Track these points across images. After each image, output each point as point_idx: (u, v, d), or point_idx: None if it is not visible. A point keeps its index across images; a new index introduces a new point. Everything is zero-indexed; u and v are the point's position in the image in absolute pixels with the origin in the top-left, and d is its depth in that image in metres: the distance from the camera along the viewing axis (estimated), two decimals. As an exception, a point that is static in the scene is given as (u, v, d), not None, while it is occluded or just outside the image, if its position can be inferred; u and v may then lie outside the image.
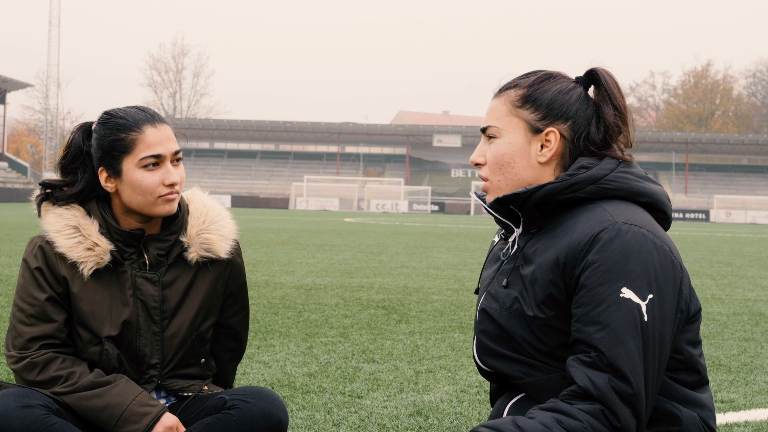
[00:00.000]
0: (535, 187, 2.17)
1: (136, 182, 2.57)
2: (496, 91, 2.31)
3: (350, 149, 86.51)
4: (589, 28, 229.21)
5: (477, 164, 2.31)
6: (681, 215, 66.21)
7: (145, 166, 2.57)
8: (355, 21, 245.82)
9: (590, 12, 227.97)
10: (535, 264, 2.17)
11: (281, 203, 71.28)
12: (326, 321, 6.93)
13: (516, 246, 2.28)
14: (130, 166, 2.58)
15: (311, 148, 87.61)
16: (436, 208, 70.50)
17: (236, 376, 3.05)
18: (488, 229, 31.68)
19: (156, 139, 2.58)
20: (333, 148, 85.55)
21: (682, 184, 79.17)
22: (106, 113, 2.64)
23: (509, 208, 2.25)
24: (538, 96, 2.23)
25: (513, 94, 2.26)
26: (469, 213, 68.12)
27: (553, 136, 2.21)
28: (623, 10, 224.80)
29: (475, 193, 2.50)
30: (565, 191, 2.16)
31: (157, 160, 2.58)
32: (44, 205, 2.65)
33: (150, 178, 2.58)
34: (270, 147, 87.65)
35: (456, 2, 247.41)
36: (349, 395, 4.36)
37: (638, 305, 2.01)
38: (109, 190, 2.63)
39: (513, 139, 2.23)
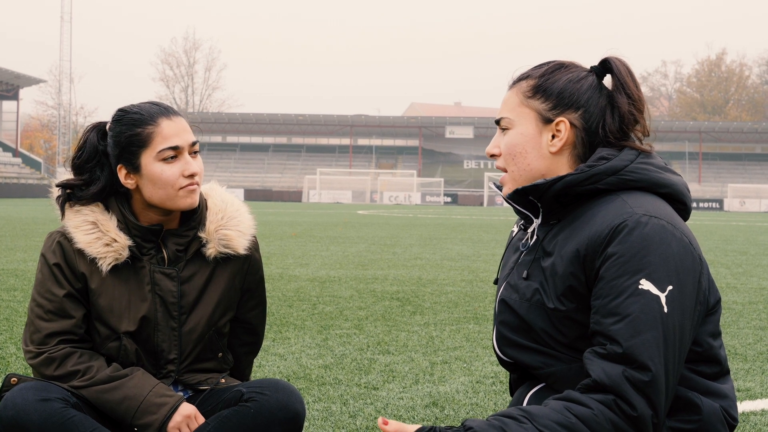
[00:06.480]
0: (554, 178, 2.16)
1: (156, 176, 2.58)
2: (510, 82, 2.31)
3: (362, 141, 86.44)
4: (599, 20, 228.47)
5: (492, 155, 2.31)
6: (695, 204, 65.74)
7: (164, 159, 2.57)
8: (367, 24, 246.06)
9: (600, 3, 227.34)
10: (555, 256, 2.16)
11: (294, 196, 71.32)
12: (341, 313, 6.94)
13: (535, 237, 2.27)
14: (148, 160, 2.58)
15: (323, 140, 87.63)
16: (449, 199, 70.39)
17: (252, 369, 3.06)
18: (502, 220, 31.63)
19: (172, 131, 2.58)
20: (345, 141, 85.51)
21: (695, 173, 78.77)
22: (120, 110, 2.63)
23: (528, 198, 2.25)
24: (548, 86, 2.22)
25: (525, 85, 2.26)
26: (482, 204, 68.00)
27: (563, 125, 2.20)
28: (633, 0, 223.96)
29: (494, 183, 2.49)
30: (584, 183, 2.15)
31: (175, 152, 2.58)
32: (67, 205, 2.65)
33: (169, 171, 2.58)
34: (282, 140, 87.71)
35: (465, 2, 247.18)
36: (364, 387, 4.37)
37: (657, 297, 1.99)
38: (129, 186, 2.62)
39: (524, 130, 2.23)
